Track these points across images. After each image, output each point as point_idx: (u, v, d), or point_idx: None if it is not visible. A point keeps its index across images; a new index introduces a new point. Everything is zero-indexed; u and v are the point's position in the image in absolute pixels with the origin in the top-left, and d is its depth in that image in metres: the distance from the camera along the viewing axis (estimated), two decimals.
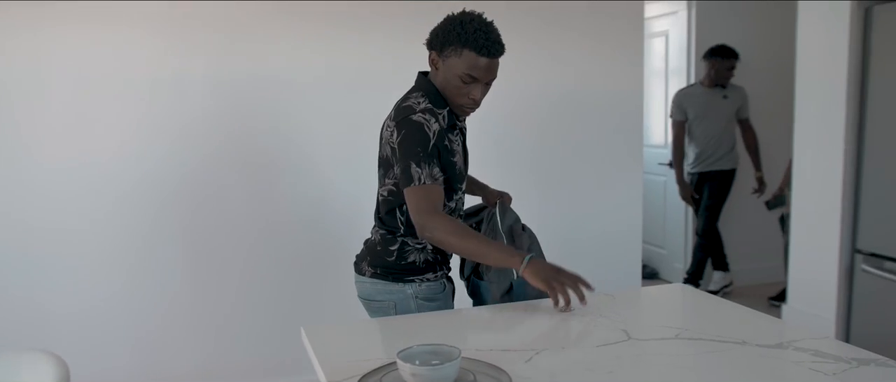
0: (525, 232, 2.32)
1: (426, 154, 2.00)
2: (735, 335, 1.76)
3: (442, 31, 2.06)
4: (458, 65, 2.04)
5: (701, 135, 5.04)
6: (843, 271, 3.94)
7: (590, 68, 3.93)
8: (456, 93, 2.08)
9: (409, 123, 2.03)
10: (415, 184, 1.99)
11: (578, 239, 4.00)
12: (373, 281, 2.19)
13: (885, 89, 3.62)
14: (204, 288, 3.46)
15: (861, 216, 3.83)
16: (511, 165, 3.81)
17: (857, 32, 3.77)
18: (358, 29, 3.50)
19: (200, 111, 3.35)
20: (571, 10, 3.84)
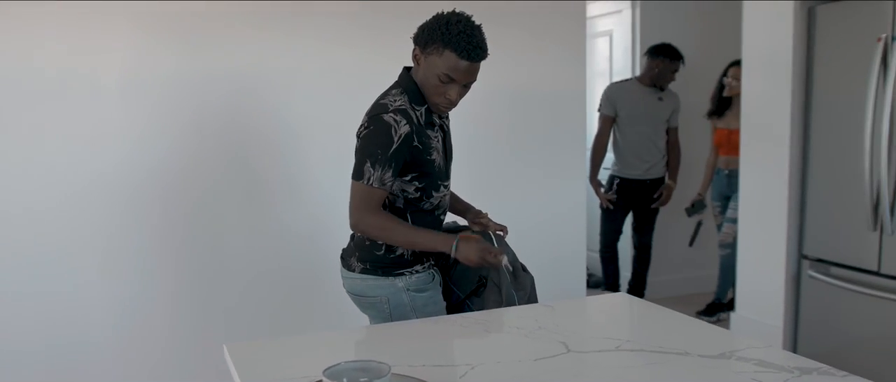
0: (526, 274, 2.43)
1: (384, 157, 2.11)
2: (677, 345, 1.79)
3: (428, 28, 2.16)
4: (438, 64, 2.13)
5: (634, 136, 4.84)
6: (789, 278, 4.05)
7: (530, 68, 3.97)
8: (433, 91, 2.19)
9: (378, 121, 2.13)
10: (362, 181, 2.13)
11: (520, 248, 4.01)
12: (363, 276, 2.28)
13: (829, 90, 3.74)
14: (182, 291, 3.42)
15: (807, 220, 3.94)
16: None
17: (801, 33, 3.88)
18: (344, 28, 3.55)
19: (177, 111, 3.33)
20: (510, 7, 3.87)
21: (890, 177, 3.37)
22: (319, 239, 3.56)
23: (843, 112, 3.64)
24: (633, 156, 4.86)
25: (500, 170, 3.97)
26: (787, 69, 3.93)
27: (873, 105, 3.39)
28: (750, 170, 4.28)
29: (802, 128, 3.94)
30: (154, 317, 3.39)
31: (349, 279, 2.33)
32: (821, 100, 3.81)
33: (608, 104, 4.87)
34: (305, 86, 3.52)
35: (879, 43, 3.35)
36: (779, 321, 4.11)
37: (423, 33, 2.17)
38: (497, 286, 2.32)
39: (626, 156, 4.87)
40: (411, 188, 2.24)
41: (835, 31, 3.70)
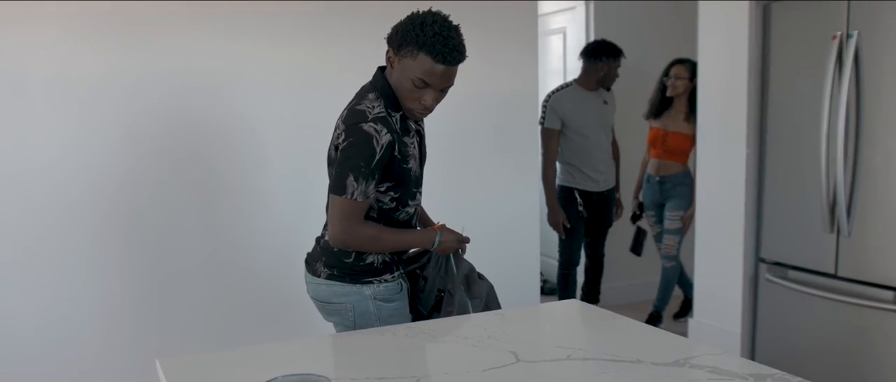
0: (483, 281, 2.46)
1: (368, 169, 2.10)
2: (630, 353, 1.80)
3: (402, 29, 2.14)
4: (413, 68, 2.11)
5: (589, 146, 4.60)
6: (747, 282, 4.12)
7: (481, 67, 3.98)
8: (407, 96, 2.17)
9: (359, 132, 2.10)
10: (346, 196, 2.12)
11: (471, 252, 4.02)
12: (329, 282, 2.27)
13: (785, 90, 3.81)
14: (120, 299, 3.39)
15: (764, 223, 4.01)
16: None
17: (757, 32, 3.95)
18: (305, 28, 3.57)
19: (113, 112, 3.31)
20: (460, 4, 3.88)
21: (846, 178, 3.44)
22: (277, 243, 3.55)
23: (800, 112, 3.72)
24: (590, 169, 4.63)
25: (449, 171, 3.98)
26: (743, 69, 4.00)
27: (829, 104, 3.47)
28: (706, 171, 4.35)
29: (759, 129, 4.01)
30: (85, 325, 3.33)
31: (314, 284, 2.33)
32: (777, 100, 3.88)
33: (553, 116, 4.56)
34: (250, 86, 3.51)
35: (834, 41, 3.43)
36: (737, 326, 4.17)
37: (397, 34, 2.15)
38: (452, 294, 2.32)
39: (583, 169, 4.62)
40: (386, 198, 2.25)
41: (790, 30, 3.77)
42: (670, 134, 4.78)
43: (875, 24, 3.33)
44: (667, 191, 4.83)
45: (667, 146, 4.80)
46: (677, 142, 4.79)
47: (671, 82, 4.76)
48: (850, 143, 3.43)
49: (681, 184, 4.82)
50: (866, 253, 3.44)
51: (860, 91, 3.39)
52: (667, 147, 4.80)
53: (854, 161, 3.43)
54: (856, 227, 3.46)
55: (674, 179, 4.84)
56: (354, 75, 3.61)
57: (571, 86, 4.65)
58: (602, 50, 4.60)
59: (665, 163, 4.82)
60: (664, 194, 4.84)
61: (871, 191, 3.39)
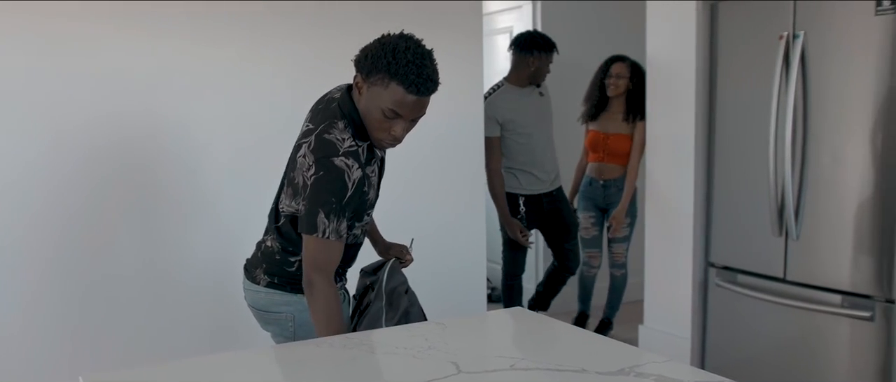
0: (406, 296, 2.43)
1: (339, 206, 2.05)
2: (574, 363, 1.81)
3: (372, 54, 2.06)
4: (383, 97, 2.05)
5: (532, 146, 4.45)
6: (696, 286, 4.17)
7: None
8: (376, 126, 2.11)
9: (330, 167, 2.05)
10: (317, 235, 2.04)
11: (416, 261, 4.02)
12: (268, 290, 2.26)
13: (733, 91, 3.88)
14: (46, 311, 3.32)
15: (713, 227, 4.07)
16: None
17: (704, 32, 4.01)
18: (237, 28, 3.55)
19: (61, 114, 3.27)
20: (402, 3, 3.88)
21: (794, 180, 3.51)
22: (215, 248, 3.51)
23: (747, 113, 3.79)
24: (537, 169, 4.48)
25: (391, 175, 3.94)
26: (691, 69, 4.05)
27: (776, 105, 3.53)
28: (654, 174, 4.40)
29: (707, 130, 4.07)
30: (6, 339, 3.25)
31: (252, 292, 2.31)
32: (725, 101, 3.95)
33: (491, 123, 4.37)
34: (182, 87, 3.47)
35: (781, 41, 3.50)
36: (687, 332, 4.23)
37: (367, 60, 2.08)
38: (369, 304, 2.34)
39: (530, 171, 4.48)
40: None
41: (737, 30, 3.84)
42: (611, 136, 4.72)
43: (821, 25, 3.41)
44: (611, 196, 4.78)
45: (608, 149, 4.74)
46: (619, 145, 4.73)
47: (613, 81, 4.68)
48: (797, 145, 3.50)
49: (624, 187, 4.78)
50: (815, 257, 3.51)
51: (807, 92, 3.46)
52: (608, 150, 4.75)
53: (802, 163, 3.50)
54: (804, 230, 3.53)
55: (618, 183, 4.78)
56: (288, 77, 3.63)
57: (503, 86, 4.48)
58: (534, 43, 4.42)
59: (607, 167, 4.77)
60: (607, 199, 4.80)
61: (819, 193, 3.47)
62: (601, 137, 4.76)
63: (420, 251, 4.03)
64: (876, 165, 3.26)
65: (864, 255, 3.32)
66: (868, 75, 3.25)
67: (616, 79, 4.66)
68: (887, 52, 3.17)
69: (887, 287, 3.23)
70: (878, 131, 3.24)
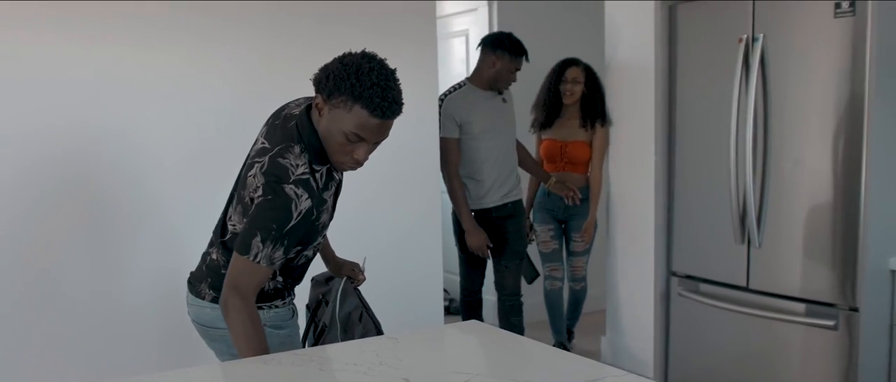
0: (361, 323, 2.41)
1: (278, 235, 2.02)
2: (533, 377, 1.81)
3: (334, 75, 2.03)
4: (346, 120, 2.02)
5: (489, 154, 4.25)
6: (659, 296, 4.20)
7: None
8: (337, 149, 2.08)
9: (278, 193, 2.02)
10: (248, 257, 2.02)
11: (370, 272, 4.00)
12: (213, 305, 2.22)
13: (693, 95, 3.92)
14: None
15: (675, 235, 4.10)
16: None
17: (663, 35, 4.04)
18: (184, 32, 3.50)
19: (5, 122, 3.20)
20: (352, 6, 3.86)
21: (755, 186, 3.56)
22: (158, 259, 3.45)
23: (708, 117, 3.83)
24: (491, 179, 4.27)
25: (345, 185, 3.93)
26: (650, 73, 4.09)
27: (737, 109, 3.57)
28: (615, 182, 4.43)
29: (667, 136, 4.11)
30: None
31: (197, 307, 2.29)
32: (685, 106, 3.99)
33: (449, 122, 4.21)
34: (126, 93, 3.42)
35: (740, 44, 3.54)
36: (650, 343, 4.26)
37: (329, 80, 2.04)
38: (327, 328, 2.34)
39: (482, 181, 4.27)
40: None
41: (696, 32, 3.89)
42: (569, 144, 4.63)
43: (781, 27, 3.46)
44: (571, 207, 4.68)
45: (567, 158, 4.66)
46: (578, 153, 4.64)
47: (569, 88, 4.56)
48: (758, 150, 3.55)
49: (586, 198, 4.69)
50: (778, 265, 3.55)
51: (767, 95, 3.51)
52: (567, 159, 4.66)
53: (763, 168, 3.55)
54: (767, 238, 3.57)
55: (579, 192, 4.68)
56: (234, 84, 3.59)
57: (465, 86, 4.31)
58: (499, 41, 4.21)
59: (567, 176, 4.67)
60: (568, 210, 4.69)
61: (782, 199, 3.51)
62: (558, 146, 4.67)
63: (374, 262, 4.01)
64: (837, 170, 3.31)
65: (827, 263, 3.37)
66: (828, 78, 3.31)
67: (572, 85, 4.56)
68: (847, 55, 3.23)
69: (851, 295, 3.28)
70: (840, 135, 3.29)
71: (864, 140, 3.19)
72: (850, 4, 3.18)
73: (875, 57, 3.14)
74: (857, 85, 3.20)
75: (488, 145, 4.24)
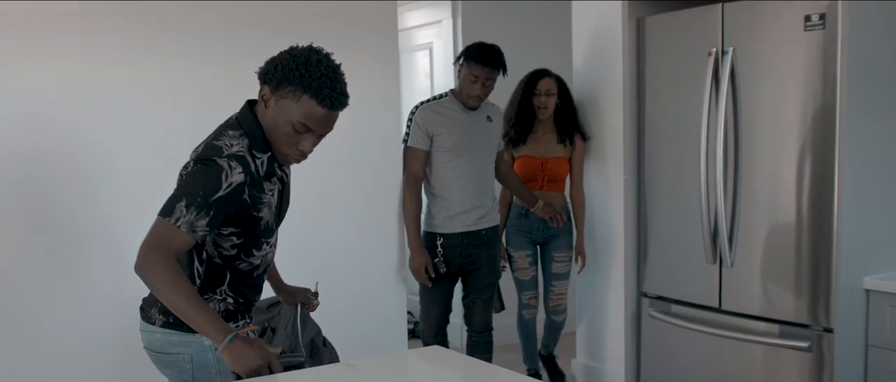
0: (326, 348, 2.46)
1: (204, 202, 2.05)
2: None
3: (282, 66, 2.12)
4: (294, 110, 2.11)
5: (464, 172, 4.05)
6: (629, 318, 4.22)
7: None
8: (284, 141, 2.17)
9: (208, 163, 2.10)
10: (169, 219, 2.04)
11: (331, 294, 3.98)
12: (165, 331, 2.24)
13: (662, 110, 3.95)
14: None
15: (644, 255, 4.12)
16: None
17: (631, 48, 4.07)
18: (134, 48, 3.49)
19: None
20: (309, 16, 3.86)
21: (727, 204, 3.58)
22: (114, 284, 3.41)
23: (677, 133, 3.86)
24: (461, 200, 4.07)
25: (300, 201, 3.90)
26: (618, 87, 4.12)
27: (707, 125, 3.60)
28: (586, 200, 4.45)
29: (636, 152, 4.13)
30: None
31: (148, 333, 2.30)
32: (654, 121, 4.01)
33: (419, 133, 4.04)
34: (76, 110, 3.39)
35: (710, 58, 3.58)
36: (620, 366, 4.27)
37: (276, 71, 2.12)
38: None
39: (451, 201, 4.07)
40: (227, 244, 2.22)
41: (665, 46, 3.92)
42: (550, 160, 4.45)
43: (750, 41, 3.50)
44: (551, 229, 4.46)
45: (548, 175, 4.46)
46: (559, 169, 4.48)
47: (542, 100, 4.39)
48: (729, 167, 3.58)
49: (566, 218, 4.50)
50: (750, 285, 3.58)
51: (738, 110, 3.54)
52: (548, 176, 4.46)
53: (734, 185, 3.58)
54: (738, 257, 3.60)
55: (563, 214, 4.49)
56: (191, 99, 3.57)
57: (447, 97, 4.13)
58: (466, 49, 4.03)
59: (547, 195, 4.46)
60: (548, 231, 4.47)
61: (753, 217, 3.54)
62: (538, 163, 4.46)
63: (334, 284, 4.00)
64: (810, 186, 3.35)
65: (800, 282, 3.40)
66: (799, 92, 3.35)
67: (546, 98, 4.39)
68: (817, 69, 3.27)
69: (825, 315, 3.31)
70: (811, 150, 3.33)
71: (837, 155, 3.23)
72: (820, 17, 3.22)
73: (846, 70, 3.18)
74: (829, 99, 3.24)
75: (459, 162, 4.05)
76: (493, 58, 3.96)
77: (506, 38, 5.43)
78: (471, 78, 3.96)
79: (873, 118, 3.30)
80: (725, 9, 3.57)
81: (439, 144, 4.04)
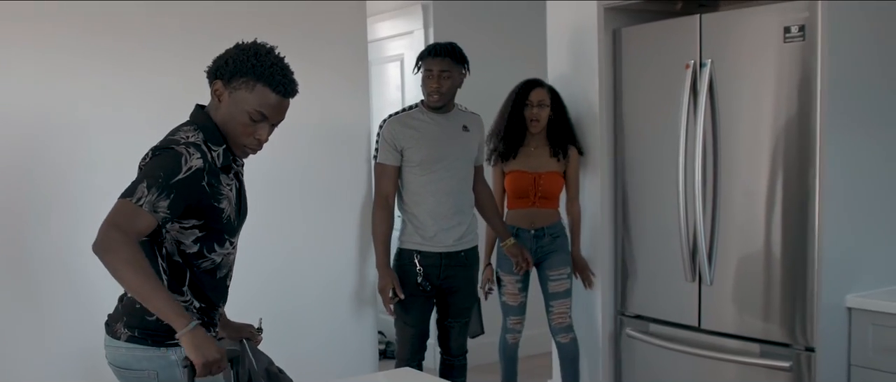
0: (282, 375, 2.48)
1: (165, 184, 2.12)
2: None
3: (233, 60, 2.28)
4: (249, 100, 2.26)
5: (439, 187, 3.93)
6: (606, 338, 4.20)
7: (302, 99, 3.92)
8: (241, 131, 2.30)
9: (166, 150, 2.20)
10: (130, 199, 2.09)
11: (298, 313, 3.95)
12: (129, 345, 2.27)
13: (639, 124, 3.94)
14: None
15: (624, 272, 4.10)
16: None
17: (607, 61, 4.05)
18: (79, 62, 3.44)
19: None
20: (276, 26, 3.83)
21: (706, 220, 3.58)
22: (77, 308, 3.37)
23: (655, 147, 3.85)
24: (436, 218, 3.94)
25: (269, 217, 3.87)
26: (595, 100, 4.12)
27: (685, 139, 3.60)
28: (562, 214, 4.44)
29: (613, 167, 4.12)
30: None
31: (113, 348, 2.32)
32: (631, 135, 4.01)
33: (387, 148, 3.92)
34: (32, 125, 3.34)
35: (688, 70, 3.58)
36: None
37: (228, 66, 2.27)
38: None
39: (425, 219, 3.95)
40: (189, 239, 2.27)
41: (642, 58, 3.92)
42: (543, 175, 4.24)
43: (729, 52, 3.51)
44: (544, 247, 4.27)
45: (541, 191, 4.26)
46: (552, 185, 4.28)
47: (534, 112, 4.20)
48: (708, 182, 3.58)
49: (560, 234, 4.31)
50: (730, 303, 3.58)
51: (716, 124, 3.55)
52: (541, 192, 4.26)
53: (713, 201, 3.58)
54: (718, 275, 3.60)
55: (552, 230, 4.30)
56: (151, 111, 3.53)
57: (416, 108, 4.01)
58: (421, 52, 3.97)
59: (540, 213, 4.27)
60: (541, 251, 4.28)
61: (733, 233, 3.54)
62: (530, 178, 4.25)
63: (302, 301, 3.97)
64: (789, 202, 3.35)
65: (781, 300, 3.40)
66: (779, 105, 3.36)
67: (538, 109, 4.20)
68: (797, 81, 3.28)
69: (806, 334, 3.31)
70: (791, 165, 3.33)
71: (817, 169, 3.24)
72: (799, 29, 3.23)
73: (826, 83, 3.19)
74: (809, 111, 3.24)
75: (432, 177, 3.91)
76: (444, 48, 3.88)
77: (479, 49, 5.44)
78: (426, 74, 3.88)
79: (854, 131, 3.32)
80: (703, 20, 3.58)
81: (410, 158, 3.91)
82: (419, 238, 3.95)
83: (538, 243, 4.28)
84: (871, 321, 3.25)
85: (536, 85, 4.25)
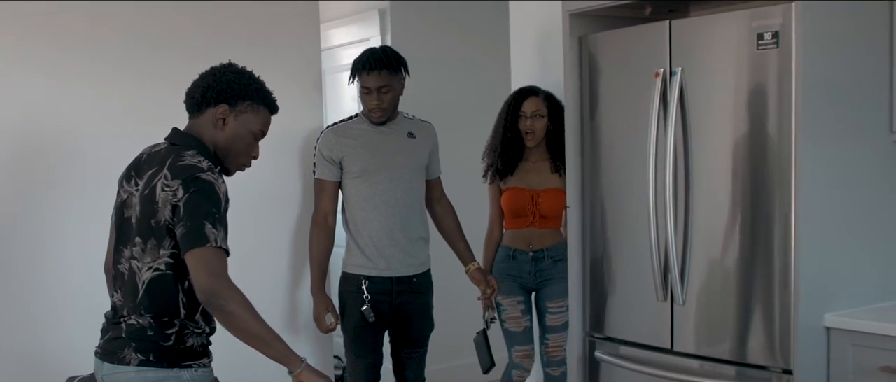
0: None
1: (220, 215, 2.35)
2: None
3: (235, 84, 2.54)
4: (254, 121, 2.59)
5: (379, 203, 3.83)
6: (577, 360, 4.17)
7: None
8: (243, 151, 2.60)
9: (200, 182, 2.36)
10: (211, 244, 2.28)
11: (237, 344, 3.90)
12: (140, 369, 2.40)
13: (607, 135, 3.92)
14: None
15: (593, 291, 4.08)
16: None
17: (574, 70, 4.02)
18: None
19: None
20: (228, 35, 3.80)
21: (677, 236, 3.57)
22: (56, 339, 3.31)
23: (624, 160, 3.84)
24: (384, 238, 3.83)
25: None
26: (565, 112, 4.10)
27: (655, 151, 3.59)
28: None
29: (581, 182, 4.09)
30: None
31: (122, 373, 2.42)
32: (599, 148, 3.98)
33: (325, 162, 3.84)
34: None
35: (657, 78, 3.58)
36: None
37: (230, 90, 2.53)
38: None
39: (368, 238, 3.84)
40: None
41: (609, 67, 3.90)
42: (542, 192, 4.17)
43: (700, 60, 3.50)
44: (544, 271, 4.20)
45: (541, 210, 4.17)
46: (553, 203, 4.17)
47: (528, 124, 4.11)
48: (679, 196, 3.56)
49: (562, 258, 4.14)
50: (704, 324, 3.57)
51: (687, 135, 3.53)
52: (541, 211, 4.17)
53: (685, 216, 3.57)
54: (691, 294, 3.58)
55: (553, 253, 4.21)
56: (93, 126, 3.49)
57: (357, 117, 3.96)
58: (353, 64, 3.88)
59: (539, 233, 4.18)
60: (541, 274, 4.21)
61: (706, 250, 3.53)
62: (529, 196, 4.17)
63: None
64: (765, 217, 3.34)
65: (757, 320, 3.39)
66: (752, 115, 3.35)
67: (533, 121, 4.11)
68: (772, 89, 3.28)
69: (782, 356, 3.30)
70: (766, 178, 3.33)
71: (793, 183, 3.23)
72: (773, 36, 3.23)
73: (802, 91, 3.18)
74: (784, 122, 3.23)
75: (375, 190, 3.82)
76: (378, 61, 3.75)
77: (439, 57, 5.46)
78: (364, 91, 3.78)
79: (831, 142, 3.32)
80: (673, 26, 3.57)
81: (349, 169, 3.81)
82: (365, 259, 3.83)
83: (537, 266, 4.19)
84: (851, 341, 3.24)
85: (530, 94, 4.13)
